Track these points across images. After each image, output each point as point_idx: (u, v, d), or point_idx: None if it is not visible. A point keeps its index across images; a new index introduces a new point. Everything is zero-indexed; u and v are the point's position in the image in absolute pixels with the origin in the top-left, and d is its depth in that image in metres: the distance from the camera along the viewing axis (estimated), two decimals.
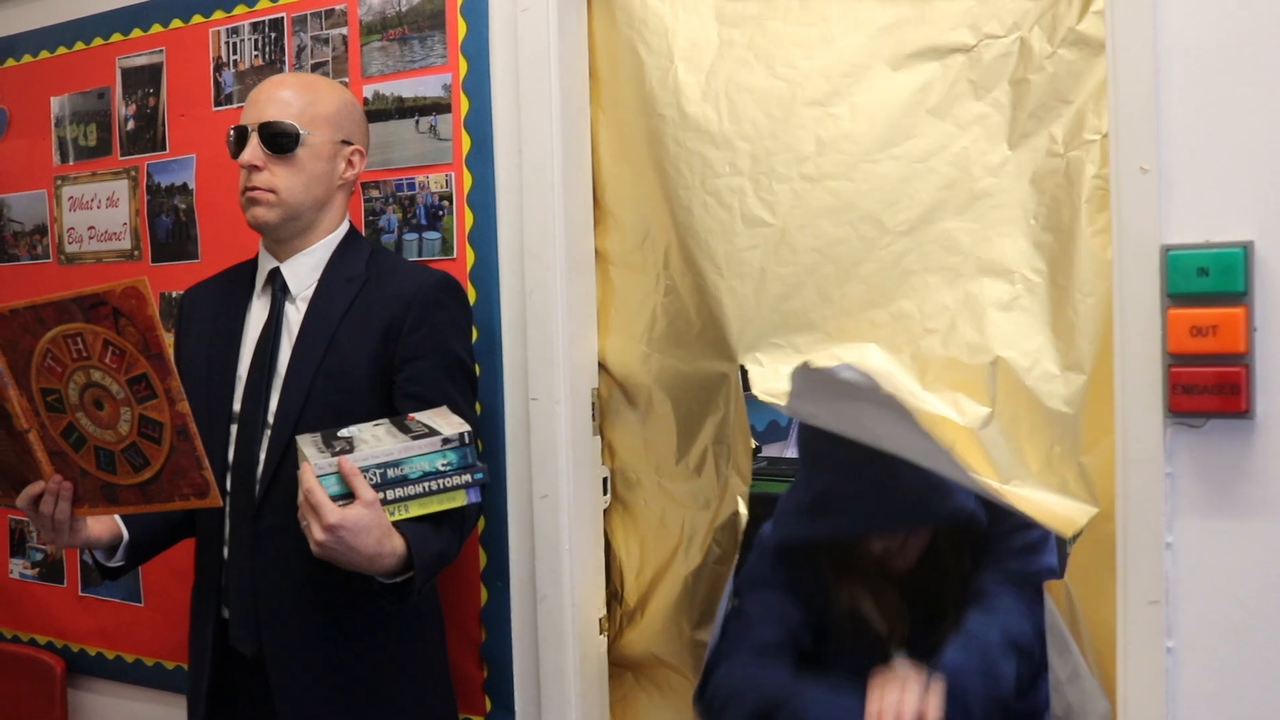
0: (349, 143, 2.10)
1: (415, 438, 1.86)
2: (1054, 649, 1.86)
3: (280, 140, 2.01)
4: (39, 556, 3.06)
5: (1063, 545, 1.98)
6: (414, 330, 2.00)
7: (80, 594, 2.98)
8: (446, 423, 1.90)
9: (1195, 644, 1.75)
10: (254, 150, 2.01)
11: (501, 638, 2.35)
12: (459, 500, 1.86)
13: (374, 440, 1.87)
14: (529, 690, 2.33)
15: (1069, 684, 1.81)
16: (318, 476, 1.79)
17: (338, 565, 1.79)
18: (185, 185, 2.74)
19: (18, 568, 3.10)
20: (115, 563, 2.07)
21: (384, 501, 1.81)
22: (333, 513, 1.75)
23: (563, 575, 2.27)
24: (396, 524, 1.82)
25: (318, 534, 1.75)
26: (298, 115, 2.03)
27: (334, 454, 1.82)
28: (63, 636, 3.02)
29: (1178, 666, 1.76)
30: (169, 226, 2.77)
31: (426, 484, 1.84)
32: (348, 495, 1.79)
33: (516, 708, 2.34)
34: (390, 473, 1.82)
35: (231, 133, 2.06)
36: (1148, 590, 1.76)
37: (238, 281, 2.17)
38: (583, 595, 2.31)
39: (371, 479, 1.81)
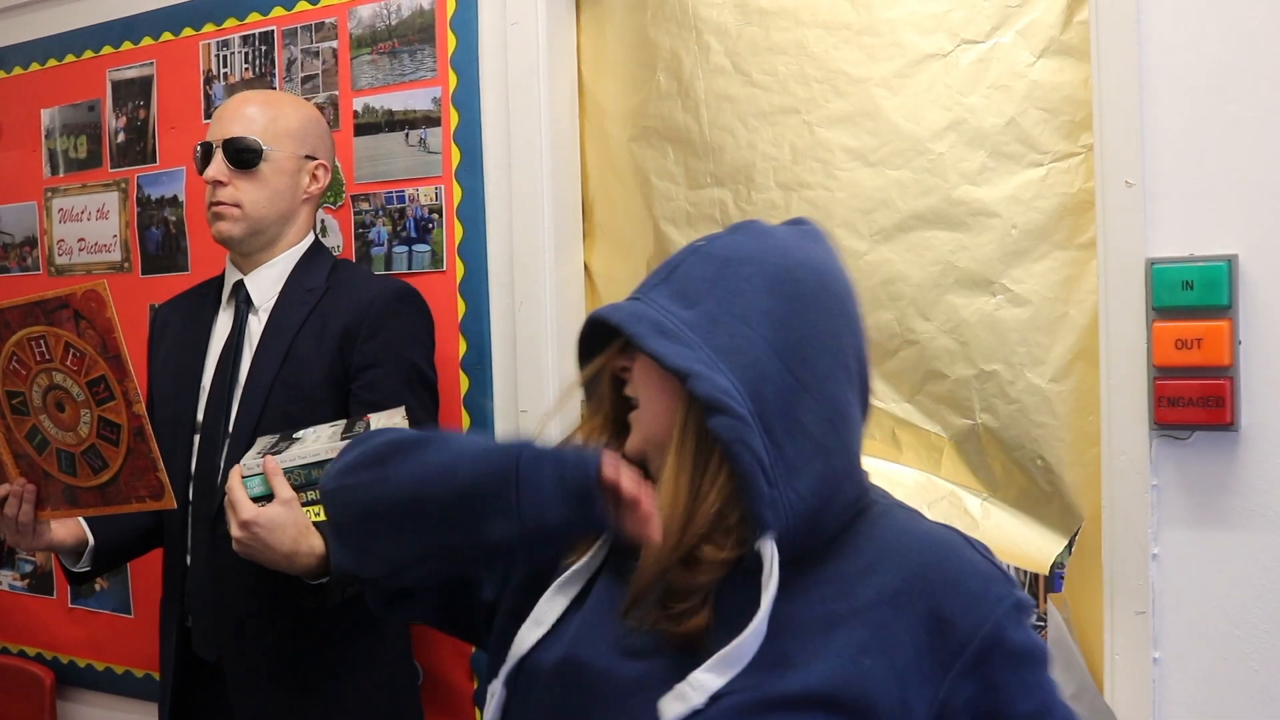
0: (313, 157, 2.12)
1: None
2: (1058, 664, 1.86)
3: (244, 156, 2.04)
4: (28, 568, 3.05)
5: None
6: (370, 338, 2.01)
7: (70, 605, 2.98)
8: (391, 426, 1.89)
9: (1182, 654, 1.76)
10: (218, 166, 2.05)
11: None
12: None
13: (314, 440, 1.87)
14: None
15: (1073, 700, 1.80)
16: (245, 476, 1.82)
17: (258, 563, 1.81)
18: (175, 198, 2.74)
19: (7, 579, 3.09)
20: (80, 568, 2.08)
21: (305, 503, 1.82)
22: (247, 509, 1.78)
23: None
24: (320, 525, 1.82)
25: (234, 530, 1.79)
26: (261, 131, 2.06)
27: (274, 453, 1.84)
28: (52, 648, 3.02)
29: (1164, 677, 1.77)
30: (159, 239, 2.78)
31: None
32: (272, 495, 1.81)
33: None
34: (314, 474, 1.83)
35: (198, 149, 2.10)
36: (1134, 601, 1.77)
37: (206, 295, 2.20)
38: None
39: (296, 479, 1.82)
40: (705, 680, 1.11)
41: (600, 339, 1.30)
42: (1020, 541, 1.95)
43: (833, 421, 1.20)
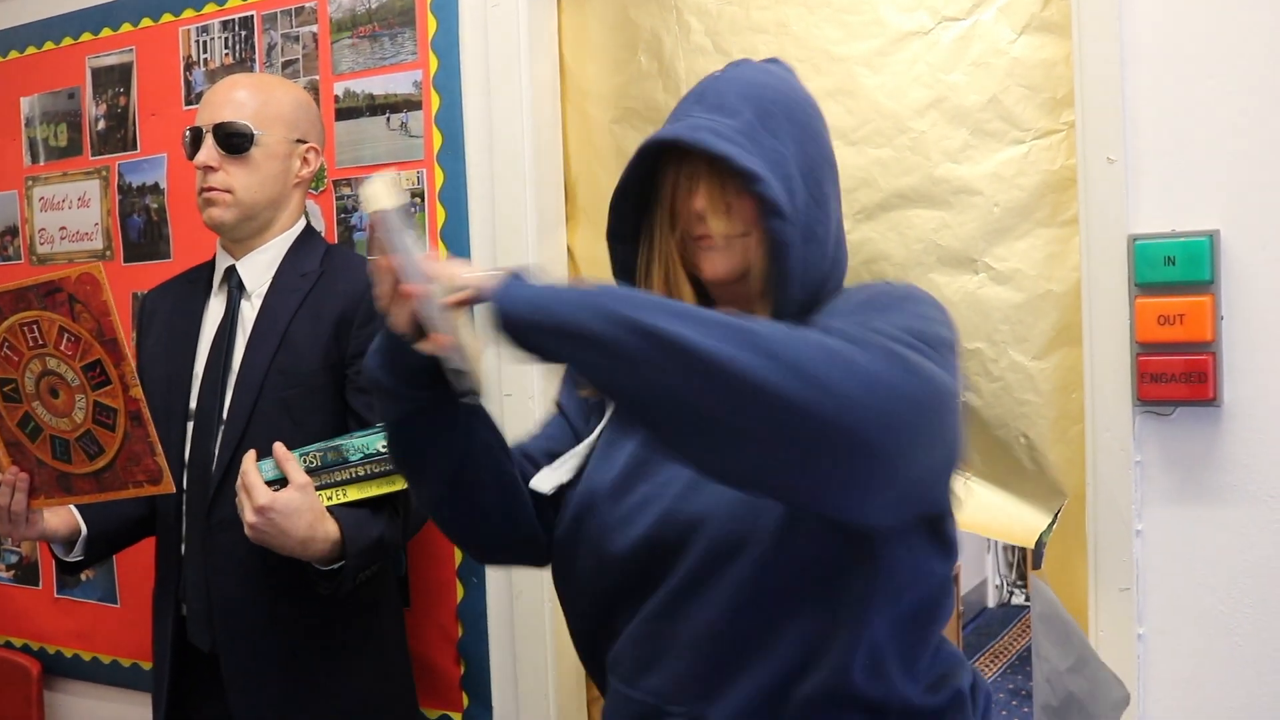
0: (304, 141, 2.11)
1: None
2: (1049, 639, 1.86)
3: (234, 140, 2.02)
4: (14, 559, 3.04)
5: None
6: (365, 324, 2.00)
7: (56, 596, 2.97)
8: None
9: (1166, 630, 1.77)
10: (209, 151, 2.02)
11: (478, 634, 2.35)
12: (399, 484, 1.86)
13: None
14: (507, 687, 2.33)
15: (1071, 673, 1.80)
16: (257, 461, 1.81)
17: (272, 549, 1.81)
18: (157, 185, 2.73)
19: None
20: (73, 557, 2.08)
21: (318, 486, 1.82)
22: (263, 494, 1.77)
23: (540, 572, 2.26)
24: (332, 509, 1.84)
25: (248, 516, 1.78)
26: (252, 115, 2.03)
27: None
28: (39, 638, 3.01)
29: (1149, 652, 1.78)
30: (141, 226, 2.76)
31: (368, 466, 1.84)
32: (285, 480, 1.81)
33: (494, 704, 2.34)
34: (330, 455, 1.83)
35: (187, 134, 2.07)
36: (1118, 577, 1.78)
37: (196, 281, 2.18)
38: None
39: (310, 463, 1.82)
40: None
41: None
42: (1004, 519, 1.95)
43: (837, 238, 1.41)
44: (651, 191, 1.44)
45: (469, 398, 1.30)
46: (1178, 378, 1.71)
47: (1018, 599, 7.33)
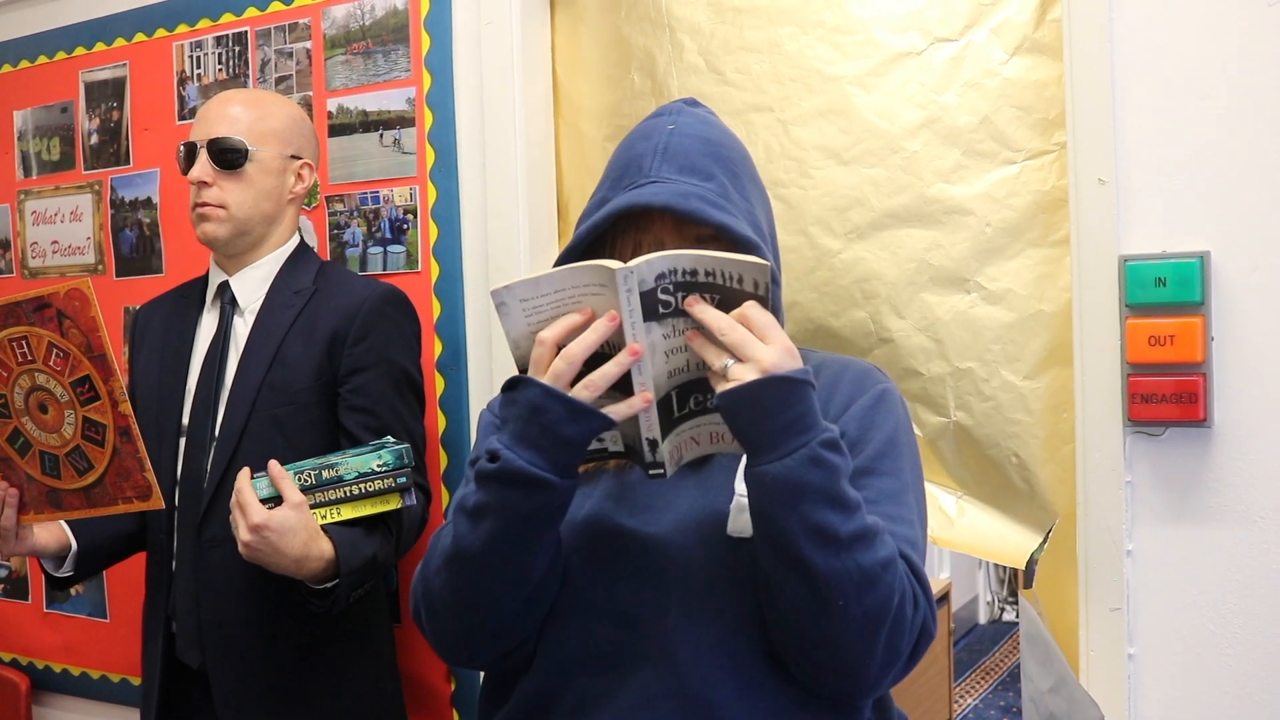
0: (298, 157, 2.11)
1: None
2: (1034, 658, 1.86)
3: (229, 156, 2.02)
4: (3, 573, 3.03)
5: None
6: (358, 342, 2.01)
7: (45, 610, 2.96)
8: None
9: (1156, 650, 1.76)
10: (203, 166, 2.02)
11: None
12: (394, 503, 1.87)
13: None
14: None
15: (1052, 693, 1.81)
16: (253, 477, 1.81)
17: (266, 568, 1.81)
18: (149, 199, 2.73)
19: None
20: (63, 573, 2.07)
21: (313, 505, 1.82)
22: (258, 513, 1.76)
23: None
24: (326, 528, 1.84)
25: (243, 534, 1.77)
26: (246, 131, 2.04)
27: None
28: (28, 653, 3.00)
29: (1139, 672, 1.78)
30: (133, 241, 2.76)
31: (363, 485, 1.84)
32: (279, 498, 1.81)
33: None
34: (325, 474, 1.83)
35: (181, 149, 2.07)
36: (1109, 597, 1.78)
37: (189, 297, 2.18)
38: None
39: (305, 481, 1.82)
40: None
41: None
42: (996, 539, 1.96)
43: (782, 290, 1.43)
44: (599, 248, 1.40)
45: (657, 470, 1.19)
46: (1168, 398, 1.71)
47: (1009, 615, 7.32)
